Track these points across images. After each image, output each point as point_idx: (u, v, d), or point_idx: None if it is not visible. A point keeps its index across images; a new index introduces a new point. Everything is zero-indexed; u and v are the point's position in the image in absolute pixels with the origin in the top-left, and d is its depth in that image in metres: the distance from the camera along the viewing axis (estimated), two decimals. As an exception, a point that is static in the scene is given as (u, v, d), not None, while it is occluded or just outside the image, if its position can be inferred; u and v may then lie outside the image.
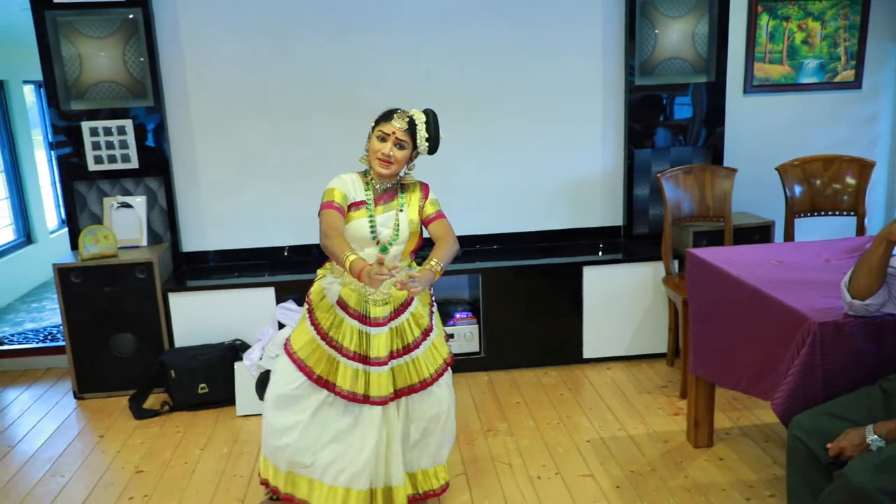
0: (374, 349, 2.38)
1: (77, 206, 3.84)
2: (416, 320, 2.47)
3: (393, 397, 2.42)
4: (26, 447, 3.23)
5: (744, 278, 2.40)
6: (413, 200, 2.48)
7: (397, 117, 2.36)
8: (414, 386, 2.45)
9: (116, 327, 3.62)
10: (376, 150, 2.36)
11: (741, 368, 2.39)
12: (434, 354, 2.49)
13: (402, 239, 2.43)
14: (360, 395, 2.38)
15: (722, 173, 3.66)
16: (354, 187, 2.41)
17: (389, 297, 2.41)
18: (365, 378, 2.38)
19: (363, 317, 2.39)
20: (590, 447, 3.00)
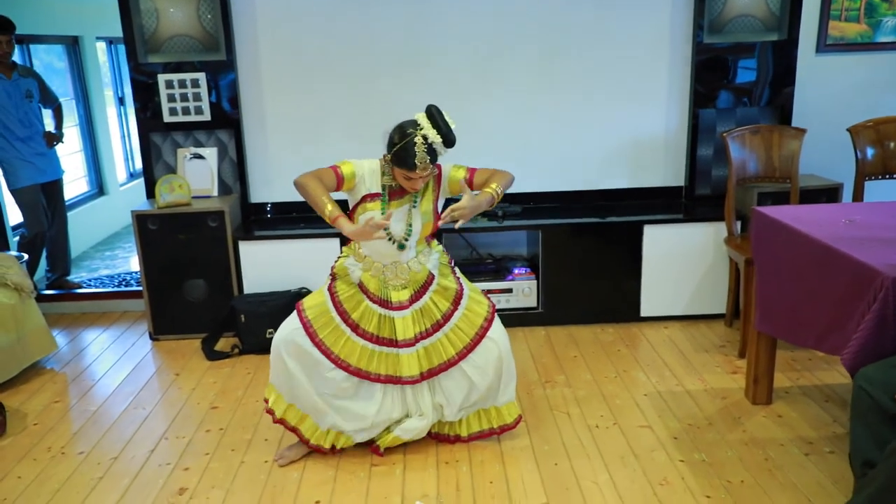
0: (401, 332, 2.48)
1: (153, 157, 3.99)
2: (442, 294, 2.55)
3: (423, 377, 2.52)
4: (108, 382, 3.43)
5: (814, 235, 2.39)
6: (427, 191, 2.51)
7: (420, 160, 2.30)
8: (451, 359, 2.54)
9: (189, 273, 3.79)
10: (406, 185, 2.40)
11: (809, 324, 2.40)
12: (471, 318, 2.56)
13: (415, 232, 2.49)
14: (375, 374, 2.49)
15: (790, 133, 3.60)
16: (371, 177, 2.46)
17: (408, 280, 2.50)
18: (393, 360, 2.49)
19: (384, 301, 2.50)
20: (647, 400, 3.05)
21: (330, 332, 2.49)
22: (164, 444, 2.84)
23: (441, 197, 2.56)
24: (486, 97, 3.96)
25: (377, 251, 2.52)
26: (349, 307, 2.50)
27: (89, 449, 2.82)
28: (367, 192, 2.46)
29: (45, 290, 4.43)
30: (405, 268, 2.52)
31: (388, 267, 2.52)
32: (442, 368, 2.54)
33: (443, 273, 2.59)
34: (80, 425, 3.02)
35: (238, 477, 2.60)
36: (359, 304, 2.50)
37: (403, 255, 2.52)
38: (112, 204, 6.45)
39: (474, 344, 2.55)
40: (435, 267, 2.60)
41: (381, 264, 2.52)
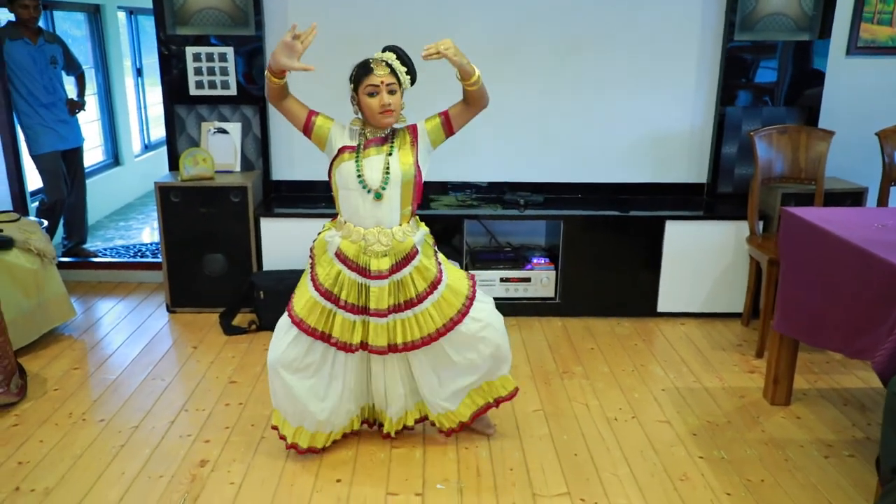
0: (374, 301, 2.39)
1: (176, 129, 3.98)
2: (422, 273, 2.44)
3: (391, 349, 2.45)
4: (126, 351, 3.44)
5: (846, 237, 2.39)
6: (404, 143, 2.41)
7: (375, 66, 2.31)
8: (415, 342, 2.45)
9: (209, 247, 3.79)
10: (373, 107, 2.32)
11: (834, 327, 2.40)
12: (446, 305, 2.45)
13: (393, 181, 2.36)
14: (354, 344, 2.43)
15: (818, 135, 3.59)
16: (346, 134, 2.41)
17: (390, 248, 2.39)
18: (364, 328, 2.43)
19: (363, 269, 2.39)
20: (665, 395, 3.06)
21: (319, 315, 2.42)
22: (184, 416, 2.85)
23: (423, 152, 2.43)
24: (510, 83, 3.94)
25: (355, 211, 2.38)
26: (329, 285, 2.41)
27: (109, 417, 2.84)
28: (341, 146, 2.40)
29: (61, 258, 4.43)
30: (389, 233, 2.38)
31: (370, 231, 2.37)
32: (407, 347, 2.45)
33: (426, 253, 2.47)
34: (99, 393, 3.03)
35: (259, 452, 2.61)
36: (338, 276, 2.40)
37: (387, 218, 2.38)
38: (127, 174, 6.44)
39: (447, 329, 2.45)
40: (420, 243, 2.47)
41: (361, 229, 2.38)
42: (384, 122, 2.34)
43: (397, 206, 2.40)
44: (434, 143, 2.46)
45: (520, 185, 4.11)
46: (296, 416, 2.49)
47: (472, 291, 2.52)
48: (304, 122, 2.43)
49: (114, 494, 2.36)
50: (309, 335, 2.41)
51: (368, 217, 2.39)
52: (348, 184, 2.37)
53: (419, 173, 2.43)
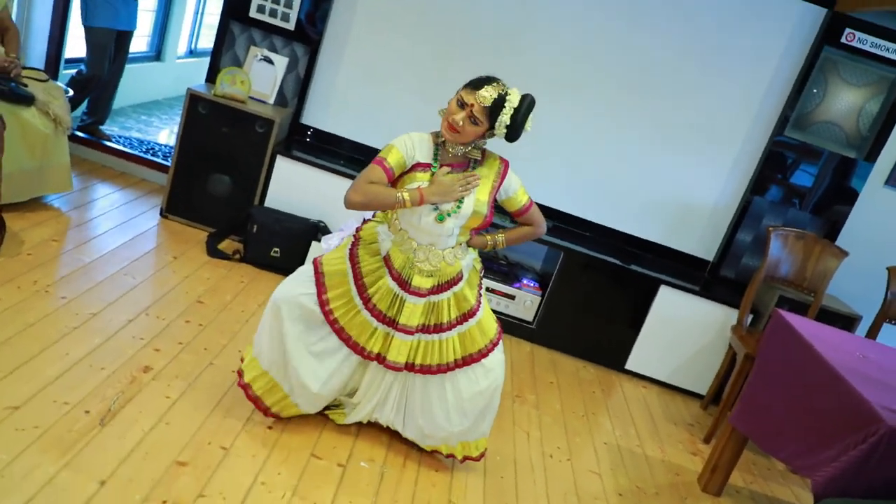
0: (405, 316, 2.33)
1: (225, 44, 3.97)
2: (458, 302, 2.38)
3: (407, 368, 2.38)
4: (108, 240, 3.44)
5: (825, 356, 2.40)
6: (487, 178, 2.33)
7: (486, 90, 2.18)
8: (431, 367, 2.38)
9: (220, 167, 3.78)
10: (450, 113, 2.22)
11: (788, 438, 2.42)
12: (469, 340, 2.39)
13: (462, 214, 2.28)
14: (372, 352, 2.35)
15: (832, 251, 3.59)
16: (420, 148, 2.29)
17: (437, 270, 2.33)
18: (385, 340, 2.35)
19: (404, 282, 2.32)
20: (605, 449, 3.08)
21: (343, 303, 2.34)
22: (143, 319, 2.85)
23: (498, 194, 2.39)
24: (557, 107, 3.93)
25: (416, 226, 2.30)
26: (369, 281, 2.34)
27: (72, 297, 2.84)
28: (415, 163, 2.28)
29: (75, 131, 4.42)
30: (439, 255, 2.32)
31: (422, 248, 2.31)
32: (423, 370, 2.39)
33: (470, 282, 2.42)
34: (69, 271, 3.03)
35: (203, 375, 2.62)
36: (379, 279, 2.34)
37: (441, 240, 2.32)
38: (164, 72, 6.43)
39: (465, 363, 2.38)
40: (468, 268, 2.42)
41: (415, 242, 2.31)
42: (446, 133, 2.25)
43: (456, 233, 2.34)
44: (507, 204, 2.43)
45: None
46: (269, 359, 2.37)
47: (498, 337, 2.46)
48: (387, 178, 2.24)
49: (52, 371, 2.37)
50: (319, 301, 2.32)
51: (425, 234, 2.30)
52: None
53: (491, 212, 2.35)
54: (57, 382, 2.33)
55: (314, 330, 2.37)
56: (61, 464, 2.01)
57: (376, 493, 2.33)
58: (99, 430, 2.18)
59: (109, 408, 2.29)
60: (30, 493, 1.89)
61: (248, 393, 2.42)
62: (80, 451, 2.08)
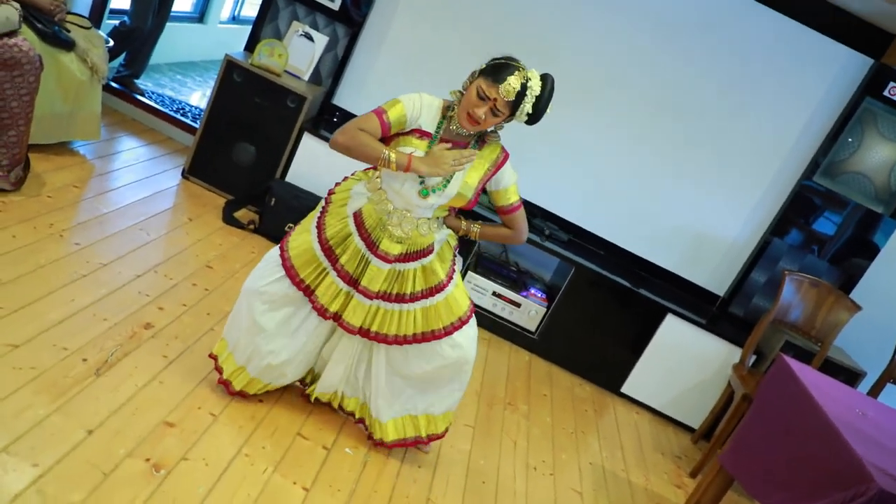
0: (367, 279, 2.24)
1: (268, 16, 3.98)
2: (426, 275, 2.29)
3: (361, 333, 2.30)
4: (128, 193, 3.46)
5: (824, 408, 2.37)
6: (481, 163, 2.22)
7: (509, 82, 2.06)
8: (387, 336, 2.30)
9: (247, 136, 3.79)
10: (469, 104, 2.10)
11: (777, 485, 2.39)
12: (434, 315, 2.31)
13: (446, 194, 2.19)
14: (330, 311, 2.27)
15: (846, 304, 3.56)
16: (427, 113, 2.17)
17: (408, 237, 2.23)
18: (345, 300, 2.28)
19: (372, 243, 2.24)
20: (590, 469, 3.06)
21: (311, 270, 2.27)
22: (150, 276, 2.87)
23: (489, 183, 2.29)
24: (587, 119, 3.92)
25: (397, 191, 2.20)
26: (335, 243, 2.26)
27: (85, 245, 2.86)
28: (416, 127, 2.17)
29: (110, 81, 4.44)
30: (413, 222, 2.22)
31: (397, 212, 2.22)
32: (378, 338, 2.31)
33: (441, 256, 2.32)
34: (86, 218, 3.05)
35: (203, 340, 2.63)
36: (345, 239, 2.26)
37: (418, 210, 2.22)
38: (205, 35, 6.45)
39: (424, 338, 2.32)
40: (440, 242, 2.32)
41: (391, 205, 2.22)
42: (463, 122, 2.14)
43: (435, 207, 2.25)
44: (494, 198, 2.33)
45: (552, 216, 4.10)
46: (245, 353, 2.33)
47: (468, 316, 2.37)
48: (381, 131, 2.14)
49: (55, 315, 2.39)
50: (292, 282, 2.26)
51: (404, 200, 2.22)
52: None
53: (476, 198, 2.25)
54: (59, 327, 2.34)
55: (284, 311, 2.30)
56: (53, 407, 2.03)
57: (357, 480, 2.33)
58: (93, 380, 2.20)
59: (107, 359, 2.30)
60: (19, 431, 1.91)
61: (230, 389, 2.37)
62: (73, 398, 2.09)
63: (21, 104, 2.87)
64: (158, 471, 1.99)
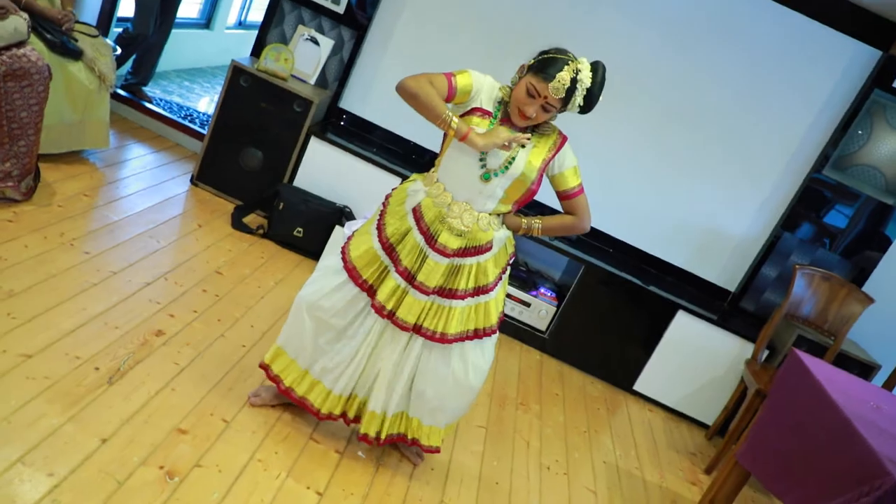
0: (424, 274, 2.18)
1: (274, 20, 3.99)
2: (479, 273, 2.24)
3: (414, 329, 2.24)
4: (137, 201, 3.48)
5: (838, 402, 2.35)
6: (542, 145, 2.19)
7: (559, 79, 2.03)
8: (434, 334, 2.24)
9: (254, 142, 3.81)
10: (520, 101, 2.09)
11: (795, 481, 2.38)
12: (474, 316, 2.27)
13: (510, 174, 2.14)
14: (388, 310, 2.21)
15: (858, 297, 3.53)
16: (489, 92, 2.17)
17: (468, 231, 2.18)
18: (400, 296, 2.21)
19: (431, 237, 2.18)
20: (604, 468, 3.06)
21: (374, 270, 2.24)
22: (161, 283, 2.89)
23: (550, 167, 2.23)
24: (597, 119, 3.88)
25: (457, 178, 2.17)
26: (395, 241, 2.22)
27: (95, 253, 2.88)
28: (477, 106, 2.15)
29: (118, 89, 4.47)
30: (474, 215, 2.17)
31: (457, 204, 2.17)
32: (427, 335, 2.24)
33: (497, 259, 2.27)
34: (96, 227, 3.07)
35: (214, 346, 2.64)
36: (406, 234, 2.21)
37: (480, 201, 2.18)
38: (212, 41, 6.48)
39: (464, 338, 2.28)
40: (499, 243, 2.26)
41: (450, 197, 2.18)
42: (515, 119, 2.14)
43: (498, 198, 2.19)
44: (556, 183, 2.27)
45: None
46: (309, 357, 2.31)
47: (498, 325, 2.34)
48: (448, 95, 2.12)
49: (67, 324, 2.40)
50: (355, 283, 2.22)
51: (465, 190, 2.17)
52: (466, 153, 2.13)
53: (538, 182, 2.20)
54: (71, 336, 2.36)
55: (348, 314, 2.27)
56: (66, 417, 2.04)
57: (370, 484, 2.33)
58: (106, 388, 2.21)
59: (119, 367, 2.32)
60: (33, 441, 1.92)
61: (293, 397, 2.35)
62: (86, 407, 2.11)
63: (30, 114, 2.89)
64: (172, 478, 2.00)
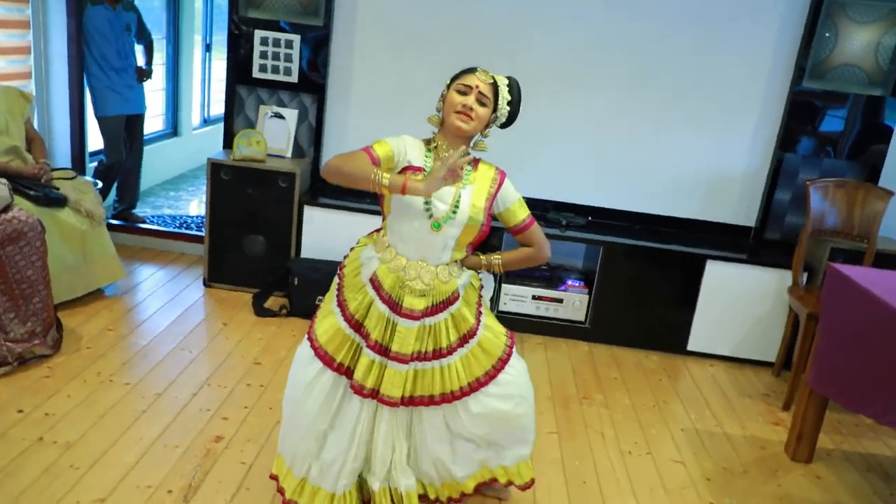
0: (398, 342, 2.09)
1: (235, 109, 4.06)
2: (456, 322, 2.16)
3: (404, 402, 2.14)
4: (160, 319, 3.52)
5: (891, 302, 2.33)
6: (482, 184, 2.15)
7: (481, 72, 2.13)
8: (434, 397, 2.15)
9: (252, 228, 3.85)
10: (455, 104, 2.09)
11: (870, 392, 2.35)
12: (474, 362, 2.18)
13: (458, 221, 2.09)
14: (367, 388, 2.10)
15: (877, 193, 3.50)
16: (412, 150, 2.14)
17: (430, 289, 2.11)
18: (379, 371, 2.11)
19: (395, 304, 2.10)
20: (683, 436, 3.02)
21: (346, 350, 2.13)
22: (206, 390, 2.91)
23: (495, 204, 2.19)
24: (570, 103, 3.93)
25: (407, 237, 2.11)
26: (360, 316, 2.12)
27: (136, 381, 2.91)
28: (407, 165, 2.12)
29: (110, 220, 4.55)
30: (432, 271, 2.11)
31: (412, 265, 2.10)
32: (424, 401, 2.16)
33: (467, 300, 2.19)
34: (129, 356, 3.11)
35: (273, 435, 2.65)
36: (370, 307, 2.12)
37: (434, 254, 2.12)
38: (183, 146, 6.59)
39: (472, 389, 2.17)
40: (464, 286, 2.19)
41: (404, 259, 2.11)
42: (457, 123, 2.09)
43: (451, 246, 2.13)
44: (503, 219, 2.23)
45: (565, 206, 4.09)
46: (303, 462, 2.18)
47: (507, 353, 2.22)
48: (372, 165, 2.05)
49: (130, 457, 2.43)
50: (331, 368, 2.12)
51: (417, 247, 2.11)
52: (409, 209, 2.07)
53: (488, 223, 2.16)
54: (136, 467, 2.38)
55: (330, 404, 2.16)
56: (154, 546, 2.05)
57: (463, 521, 2.32)
58: (184, 507, 2.23)
59: (190, 483, 2.33)
60: (130, 580, 1.93)
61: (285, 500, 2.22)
62: (170, 531, 2.12)
63: (35, 271, 2.95)
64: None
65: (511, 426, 2.23)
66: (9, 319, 2.88)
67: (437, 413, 2.20)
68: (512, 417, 2.22)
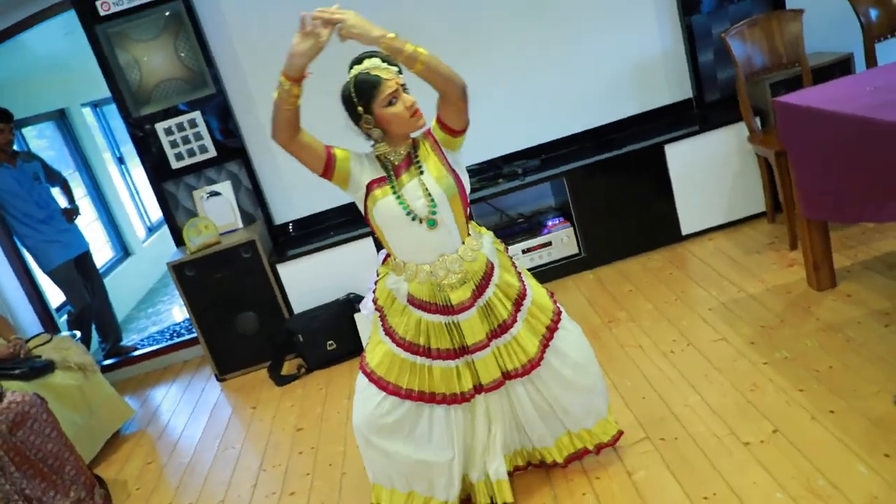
0: (469, 335, 2.12)
1: (171, 206, 4.02)
2: (504, 290, 2.17)
3: (501, 382, 2.19)
4: (192, 432, 3.50)
5: (844, 111, 2.36)
6: (429, 155, 2.11)
7: (380, 72, 2.04)
8: (525, 367, 2.18)
9: (237, 308, 3.83)
10: (401, 114, 2.02)
11: (860, 199, 2.38)
12: (534, 321, 2.21)
13: (441, 202, 2.06)
14: (468, 391, 2.15)
15: (788, 17, 3.52)
16: (368, 166, 2.10)
17: (465, 273, 2.10)
18: (470, 369, 2.16)
19: (445, 307, 2.11)
20: (713, 314, 3.05)
21: (410, 373, 2.13)
22: (263, 476, 2.90)
23: (449, 156, 2.12)
24: (476, 56, 3.91)
25: (412, 247, 2.10)
26: (412, 336, 2.13)
27: (195, 499, 2.89)
28: (370, 179, 2.08)
29: (103, 361, 4.51)
30: (456, 259, 2.09)
31: (437, 264, 2.09)
32: (518, 374, 2.19)
33: (503, 265, 2.19)
34: (178, 479, 3.09)
35: (344, 488, 2.65)
36: (419, 324, 2.12)
37: (447, 243, 2.10)
38: (140, 262, 6.53)
39: (544, 349, 2.20)
40: (492, 253, 2.17)
41: (427, 266, 2.10)
42: (418, 124, 2.05)
43: (454, 226, 2.11)
44: (452, 147, 2.13)
45: (514, 156, 4.10)
46: (406, 480, 2.20)
47: (556, 307, 2.26)
48: (324, 158, 2.06)
49: (221, 569, 2.42)
50: (405, 399, 2.13)
51: (429, 250, 2.10)
52: (396, 221, 2.06)
53: (458, 180, 2.10)
54: (231, 576, 2.37)
55: (410, 424, 2.18)
56: None
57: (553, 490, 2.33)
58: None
59: (287, 567, 2.33)
60: None
61: None
62: None
63: (54, 442, 2.91)
64: None
65: (580, 389, 2.25)
66: (50, 498, 2.84)
67: (519, 383, 2.23)
68: (578, 381, 2.24)
